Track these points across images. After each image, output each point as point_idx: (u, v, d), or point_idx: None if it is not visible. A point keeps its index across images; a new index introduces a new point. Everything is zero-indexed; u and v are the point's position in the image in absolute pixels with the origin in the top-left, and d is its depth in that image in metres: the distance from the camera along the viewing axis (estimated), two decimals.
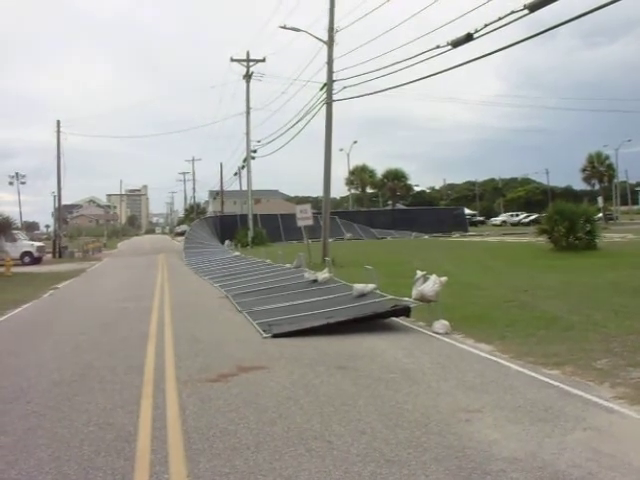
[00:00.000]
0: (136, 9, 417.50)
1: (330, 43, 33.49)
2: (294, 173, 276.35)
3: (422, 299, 14.54)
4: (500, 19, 18.70)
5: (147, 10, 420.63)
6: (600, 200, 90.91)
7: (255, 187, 68.56)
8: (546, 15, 18.49)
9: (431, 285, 14.37)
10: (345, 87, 33.17)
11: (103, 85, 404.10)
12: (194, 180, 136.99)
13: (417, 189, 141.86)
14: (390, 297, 15.99)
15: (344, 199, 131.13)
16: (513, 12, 18.18)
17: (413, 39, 25.79)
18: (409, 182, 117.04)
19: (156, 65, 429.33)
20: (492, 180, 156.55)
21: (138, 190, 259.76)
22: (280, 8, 49.08)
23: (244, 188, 68.12)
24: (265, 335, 13.97)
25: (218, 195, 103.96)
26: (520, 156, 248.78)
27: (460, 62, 23.22)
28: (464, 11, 21.55)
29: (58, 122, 64.03)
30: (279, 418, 7.96)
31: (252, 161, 61.30)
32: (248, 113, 60.98)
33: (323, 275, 21.20)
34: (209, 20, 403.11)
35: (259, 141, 58.23)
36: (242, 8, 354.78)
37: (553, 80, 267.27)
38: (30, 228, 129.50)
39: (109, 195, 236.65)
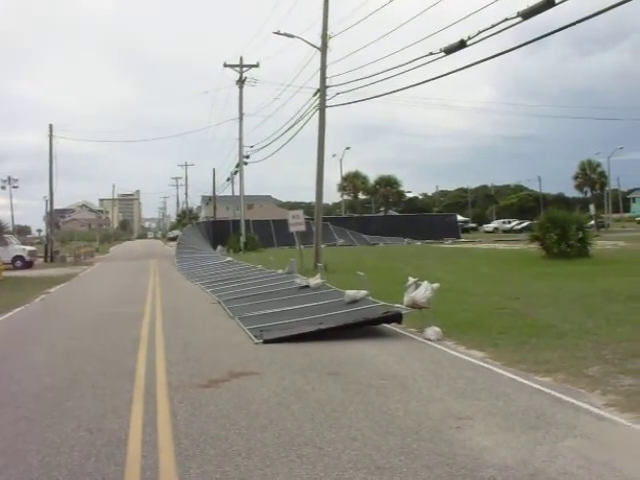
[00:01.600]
0: (128, 13, 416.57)
1: (323, 49, 33.57)
2: (287, 179, 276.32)
3: (414, 306, 14.55)
4: (493, 26, 18.78)
5: (139, 14, 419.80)
6: (592, 207, 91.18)
7: (247, 193, 68.69)
8: (539, 23, 18.55)
9: (423, 292, 14.38)
10: (338, 93, 33.28)
11: (95, 89, 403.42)
12: (186, 185, 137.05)
13: (409, 195, 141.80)
14: (382, 303, 15.99)
15: (336, 205, 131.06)
16: (506, 19, 18.26)
17: (407, 46, 25.87)
18: (401, 188, 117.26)
19: (148, 69, 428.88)
20: (484, 187, 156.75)
21: (130, 195, 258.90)
22: (274, 14, 49.27)
23: (237, 193, 68.16)
24: (256, 341, 13.95)
25: (211, 200, 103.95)
26: (513, 163, 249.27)
27: (453, 69, 23.32)
28: (458, 18, 21.63)
29: (50, 126, 64.06)
30: (270, 424, 7.94)
31: (245, 167, 61.36)
32: (241, 119, 60.97)
33: (315, 281, 21.21)
34: (203, 25, 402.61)
35: (252, 147, 58.41)
36: (236, 14, 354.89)
37: (546, 87, 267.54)
38: (22, 232, 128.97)
39: (101, 200, 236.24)
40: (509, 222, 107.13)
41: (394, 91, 29.61)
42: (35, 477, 6.48)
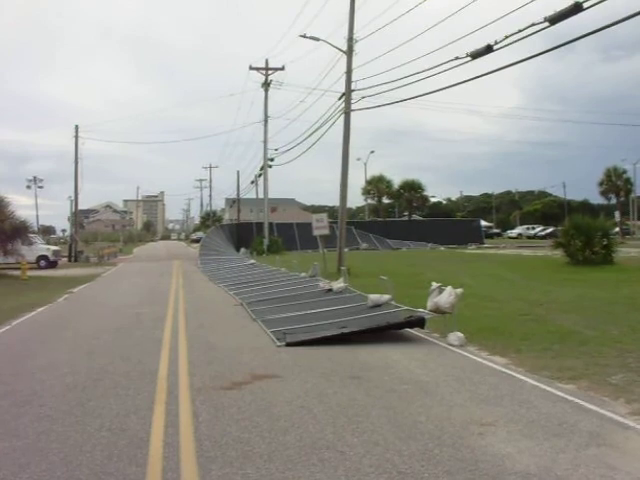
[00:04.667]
0: (155, 17, 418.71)
1: (349, 53, 33.57)
2: (311, 182, 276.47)
3: (437, 310, 14.51)
4: (520, 31, 18.73)
5: (166, 18, 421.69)
6: (617, 214, 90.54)
7: (271, 195, 68.69)
8: (567, 28, 18.48)
9: (446, 297, 14.33)
10: (364, 97, 33.26)
11: (121, 91, 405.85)
12: (211, 187, 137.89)
13: (433, 200, 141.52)
14: (405, 308, 15.96)
15: (360, 209, 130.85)
16: (533, 24, 18.21)
17: (432, 50, 25.84)
18: (425, 193, 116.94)
19: (174, 72, 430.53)
20: (509, 193, 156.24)
21: (155, 196, 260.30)
22: (300, 17, 49.37)
23: (260, 196, 68.23)
24: (279, 344, 13.96)
25: (234, 203, 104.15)
26: (538, 169, 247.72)
27: (479, 74, 23.26)
28: (485, 22, 21.59)
29: (76, 127, 64.43)
30: (292, 427, 7.94)
31: (269, 169, 61.48)
32: (266, 121, 61.12)
33: (338, 285, 21.19)
34: (229, 28, 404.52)
35: (276, 149, 58.43)
36: (262, 17, 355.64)
37: (572, 93, 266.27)
38: (46, 232, 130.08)
39: (126, 200, 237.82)
40: (533, 228, 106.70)
41: (420, 95, 29.54)
42: (57, 476, 6.52)
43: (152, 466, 6.73)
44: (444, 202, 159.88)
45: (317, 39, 36.66)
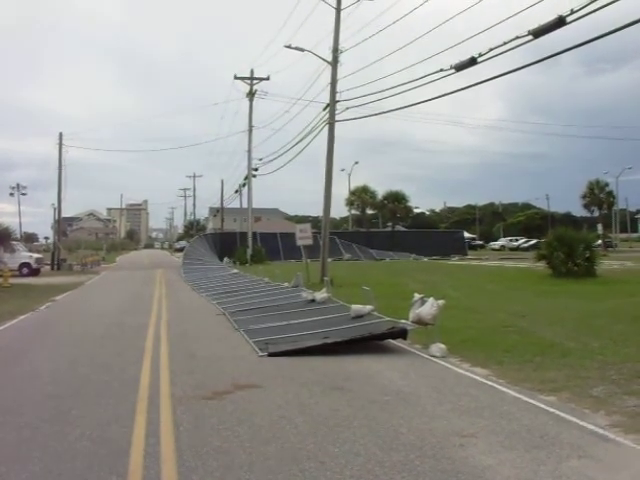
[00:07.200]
0: (139, 24, 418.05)
1: (334, 64, 33.64)
2: (295, 192, 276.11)
3: (419, 322, 14.53)
4: (505, 44, 18.83)
5: (150, 26, 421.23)
6: (599, 227, 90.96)
7: (255, 205, 68.49)
8: (551, 41, 18.59)
9: (428, 308, 14.35)
10: (348, 108, 33.31)
11: (106, 99, 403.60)
12: (194, 196, 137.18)
13: (417, 211, 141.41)
14: (387, 319, 15.96)
15: (344, 219, 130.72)
16: (517, 37, 18.31)
17: (418, 62, 25.98)
18: (409, 204, 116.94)
19: (159, 81, 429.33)
20: (492, 204, 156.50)
21: (138, 204, 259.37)
22: (286, 27, 49.40)
23: (244, 206, 68.04)
24: (261, 354, 13.94)
25: (218, 212, 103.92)
26: (521, 181, 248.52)
27: (463, 86, 23.37)
28: (469, 35, 21.67)
29: (60, 135, 64.03)
30: (273, 437, 7.93)
31: (253, 179, 61.37)
32: (250, 131, 61.06)
33: (321, 295, 21.18)
34: (214, 37, 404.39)
35: (261, 159, 58.38)
36: (248, 26, 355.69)
37: (557, 105, 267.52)
38: (29, 239, 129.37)
39: (109, 209, 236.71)
40: (516, 240, 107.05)
41: (403, 107, 29.73)
42: None
43: (132, 476, 6.70)
44: (427, 213, 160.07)
45: (302, 50, 36.71)
